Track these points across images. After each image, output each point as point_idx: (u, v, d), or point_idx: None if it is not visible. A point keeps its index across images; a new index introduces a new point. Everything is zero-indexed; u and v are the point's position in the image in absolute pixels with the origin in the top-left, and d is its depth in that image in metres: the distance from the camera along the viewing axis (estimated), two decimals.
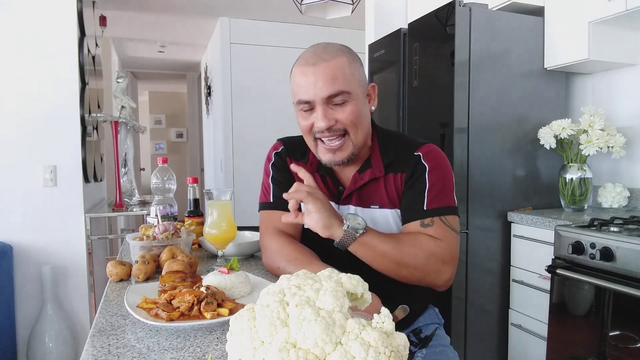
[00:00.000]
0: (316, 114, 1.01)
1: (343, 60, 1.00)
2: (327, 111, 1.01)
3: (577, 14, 1.99)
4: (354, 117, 1.01)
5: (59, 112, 2.39)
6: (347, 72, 1.00)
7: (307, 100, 1.01)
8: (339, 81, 0.99)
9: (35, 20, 2.34)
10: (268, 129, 4.32)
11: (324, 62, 0.99)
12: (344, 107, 1.01)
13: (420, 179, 1.05)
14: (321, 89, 0.99)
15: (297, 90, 1.03)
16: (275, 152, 1.20)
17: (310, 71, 1.00)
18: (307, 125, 1.04)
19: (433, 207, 1.03)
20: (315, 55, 1.01)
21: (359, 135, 1.04)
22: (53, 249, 2.40)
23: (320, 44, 1.06)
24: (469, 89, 2.01)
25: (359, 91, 1.03)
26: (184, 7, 4.06)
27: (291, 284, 0.57)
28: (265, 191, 1.19)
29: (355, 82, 1.02)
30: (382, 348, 0.49)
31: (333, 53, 1.01)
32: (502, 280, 2.09)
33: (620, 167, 2.15)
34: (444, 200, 1.04)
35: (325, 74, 0.99)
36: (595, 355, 1.53)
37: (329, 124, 1.01)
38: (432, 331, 1.12)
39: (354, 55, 1.05)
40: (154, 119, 8.30)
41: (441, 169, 1.06)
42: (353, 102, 1.01)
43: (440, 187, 1.04)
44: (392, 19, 2.95)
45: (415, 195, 1.04)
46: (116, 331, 0.79)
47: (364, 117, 1.05)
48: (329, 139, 1.03)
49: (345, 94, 1.00)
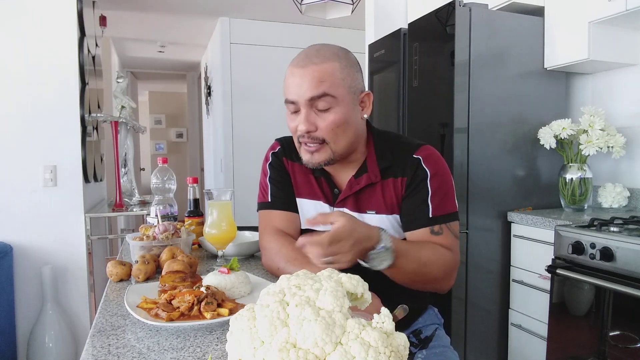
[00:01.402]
0: (300, 116, 1.01)
1: (334, 65, 0.99)
2: (310, 115, 1.00)
3: (577, 14, 1.99)
4: (334, 126, 1.00)
5: (59, 112, 2.39)
6: (336, 77, 0.99)
7: (292, 101, 1.01)
8: (324, 84, 0.98)
9: (35, 20, 2.34)
10: (268, 129, 4.31)
11: (312, 65, 0.99)
12: (327, 114, 1.00)
13: (422, 184, 1.04)
14: (305, 90, 0.99)
15: (285, 90, 1.04)
16: (272, 152, 1.20)
17: (298, 73, 1.00)
18: (293, 127, 1.05)
19: (440, 213, 1.04)
20: (306, 57, 1.01)
21: (339, 144, 1.03)
22: (53, 249, 2.40)
23: (315, 46, 1.05)
24: (469, 89, 2.01)
25: (348, 98, 1.01)
26: (184, 7, 4.06)
27: (291, 284, 0.57)
28: (263, 191, 1.19)
29: (344, 88, 1.00)
30: (382, 348, 0.49)
31: (325, 57, 1.00)
32: (502, 280, 2.09)
33: (620, 167, 2.15)
34: (448, 207, 1.05)
35: (312, 76, 0.98)
36: (595, 355, 1.53)
37: (308, 128, 1.00)
38: (432, 332, 1.12)
39: (349, 61, 1.03)
40: (154, 119, 8.30)
41: (442, 174, 1.06)
42: (338, 108, 1.00)
43: (443, 193, 1.05)
44: (392, 19, 2.95)
45: (419, 202, 1.04)
46: (116, 331, 0.79)
47: (350, 125, 1.03)
48: (308, 142, 1.03)
49: (329, 97, 0.98)
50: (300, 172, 1.16)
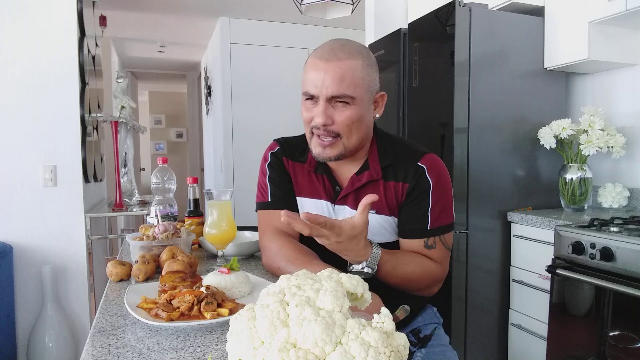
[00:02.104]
0: (317, 108, 1.02)
1: (357, 63, 1.01)
2: (328, 109, 1.01)
3: (577, 14, 1.99)
4: (350, 122, 1.02)
5: (59, 112, 2.39)
6: (357, 76, 1.00)
7: (312, 95, 1.02)
8: (346, 84, 0.99)
9: (35, 20, 2.34)
10: (268, 129, 4.32)
11: (337, 61, 0.99)
12: (344, 109, 1.01)
13: (423, 195, 1.05)
14: (327, 87, 0.99)
15: (306, 81, 1.04)
16: (271, 152, 1.20)
17: (321, 66, 1.00)
18: (308, 117, 1.05)
19: (436, 226, 1.06)
20: (331, 51, 1.02)
21: (352, 140, 1.04)
22: (53, 249, 2.40)
23: (340, 40, 1.05)
24: (469, 89, 2.01)
25: (365, 97, 1.03)
26: (184, 7, 4.06)
27: (291, 284, 0.57)
28: (263, 191, 1.19)
29: (364, 88, 1.02)
30: (382, 348, 0.49)
31: (349, 53, 1.01)
32: (502, 280, 2.09)
33: (620, 167, 2.15)
34: (445, 218, 1.07)
35: (335, 72, 0.99)
36: (595, 355, 1.53)
37: (326, 121, 1.01)
38: (431, 331, 1.13)
39: (371, 60, 1.05)
40: (154, 119, 8.30)
41: (444, 186, 1.08)
42: (355, 107, 1.02)
43: (442, 205, 1.06)
44: (392, 19, 2.95)
45: (420, 213, 1.06)
46: (116, 331, 0.79)
47: (363, 123, 1.05)
48: (322, 135, 1.04)
49: (348, 98, 1.00)
50: (301, 171, 1.16)
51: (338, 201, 1.11)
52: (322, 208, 1.13)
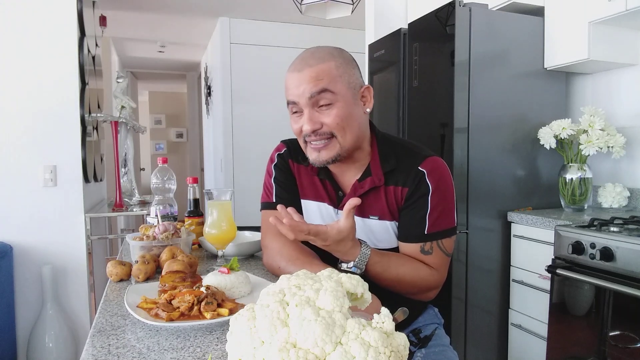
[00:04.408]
0: (303, 117, 1.03)
1: (329, 65, 1.02)
2: (313, 115, 1.02)
3: (577, 14, 1.99)
4: (339, 120, 1.02)
5: (59, 112, 2.39)
6: (333, 74, 1.01)
7: (294, 101, 1.03)
8: (323, 81, 1.00)
9: (35, 20, 2.34)
10: (268, 129, 4.33)
11: (309, 67, 1.01)
12: (329, 110, 1.02)
13: (422, 200, 1.04)
14: (304, 89, 1.01)
15: (286, 93, 1.06)
16: (278, 154, 1.21)
17: (295, 77, 1.02)
18: (297, 129, 1.07)
19: (434, 230, 1.04)
20: (302, 61, 1.03)
21: (347, 138, 1.04)
22: (53, 249, 2.40)
23: (310, 49, 1.07)
24: (469, 89, 2.01)
25: (348, 93, 1.03)
26: (184, 7, 4.06)
27: (291, 284, 0.57)
28: (268, 191, 1.19)
29: (343, 84, 1.02)
30: (382, 348, 0.49)
31: (320, 58, 1.02)
32: (502, 280, 2.09)
33: (620, 167, 2.15)
34: (444, 223, 1.05)
35: (309, 77, 1.00)
36: (595, 355, 1.53)
37: (314, 127, 1.02)
38: (431, 331, 1.13)
39: (345, 59, 1.05)
40: (154, 119, 8.30)
41: (444, 190, 1.05)
42: (339, 104, 1.02)
43: (441, 210, 1.04)
44: (392, 19, 2.95)
45: (417, 218, 1.05)
46: (116, 331, 0.79)
47: (354, 119, 1.05)
48: (315, 140, 1.04)
49: (328, 93, 1.00)
50: (306, 174, 1.17)
51: (341, 206, 1.10)
52: (326, 211, 1.13)
